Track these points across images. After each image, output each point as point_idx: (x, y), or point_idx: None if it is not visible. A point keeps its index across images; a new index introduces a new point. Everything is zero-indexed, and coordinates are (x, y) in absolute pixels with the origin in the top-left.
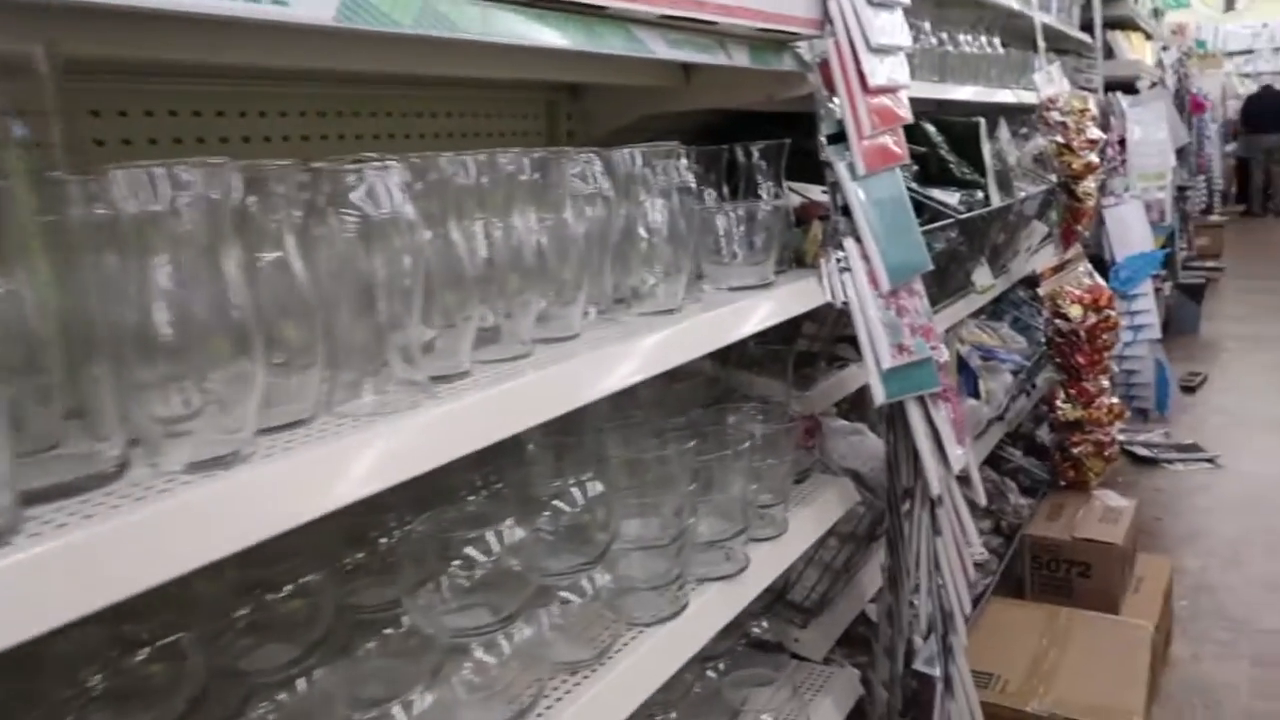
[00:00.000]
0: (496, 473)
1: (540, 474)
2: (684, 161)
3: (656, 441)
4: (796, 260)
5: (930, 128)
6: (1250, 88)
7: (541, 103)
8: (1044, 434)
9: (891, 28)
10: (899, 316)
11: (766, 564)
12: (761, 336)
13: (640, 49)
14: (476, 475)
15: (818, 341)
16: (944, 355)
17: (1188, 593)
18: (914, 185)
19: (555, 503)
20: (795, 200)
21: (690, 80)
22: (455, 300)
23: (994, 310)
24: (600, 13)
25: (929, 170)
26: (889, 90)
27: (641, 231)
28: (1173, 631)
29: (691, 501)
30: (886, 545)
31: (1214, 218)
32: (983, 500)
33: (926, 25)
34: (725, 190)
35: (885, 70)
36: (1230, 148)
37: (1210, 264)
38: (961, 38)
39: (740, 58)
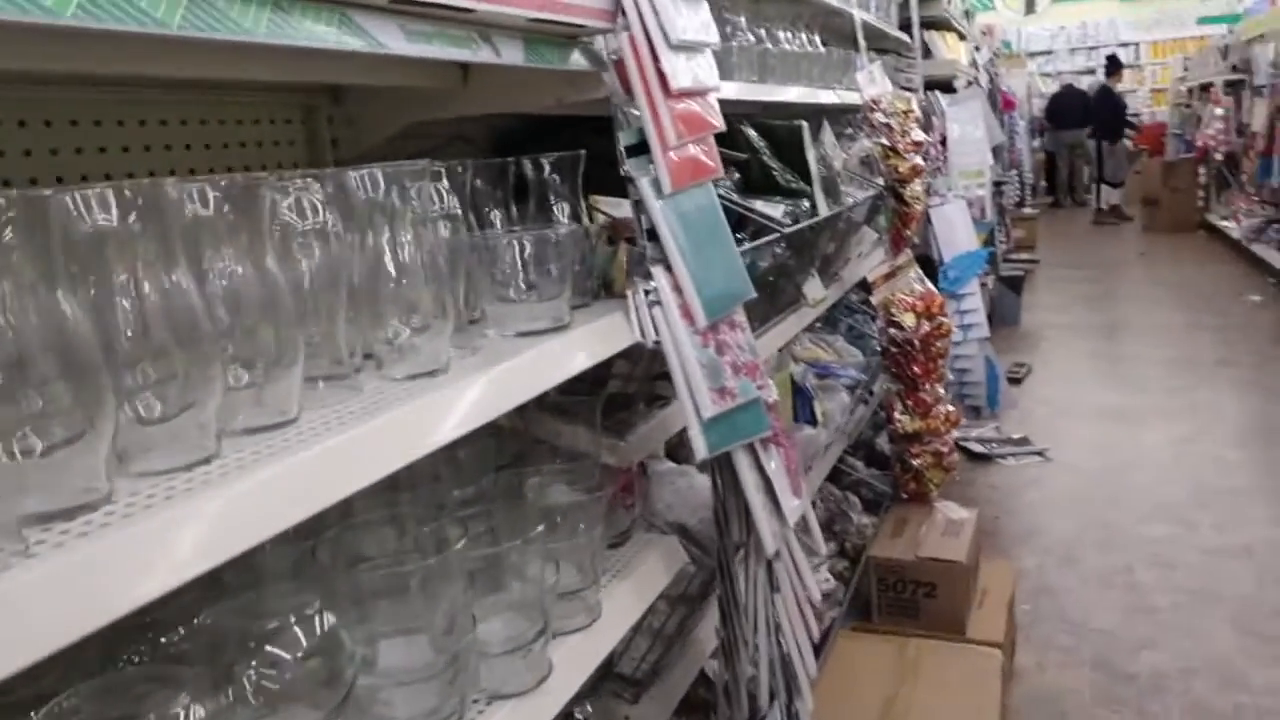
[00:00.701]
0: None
1: (268, 597)
2: (446, 181)
3: (426, 532)
4: (606, 288)
5: (752, 132)
6: (1052, 86)
7: (298, 107)
8: (883, 442)
9: (696, 23)
10: (719, 355)
11: (577, 662)
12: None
13: (365, 42)
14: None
15: (633, 381)
16: (773, 393)
17: (1028, 596)
18: (734, 198)
19: (269, 648)
20: (603, 218)
21: (468, 81)
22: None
23: (828, 319)
24: None
25: (751, 179)
26: (696, 93)
27: (389, 272)
28: (1016, 640)
29: (469, 611)
30: (720, 608)
31: (1027, 210)
32: (823, 550)
33: (742, 20)
34: (515, 211)
35: (690, 71)
36: (1036, 143)
37: (1026, 256)
38: (781, 35)
39: (512, 54)
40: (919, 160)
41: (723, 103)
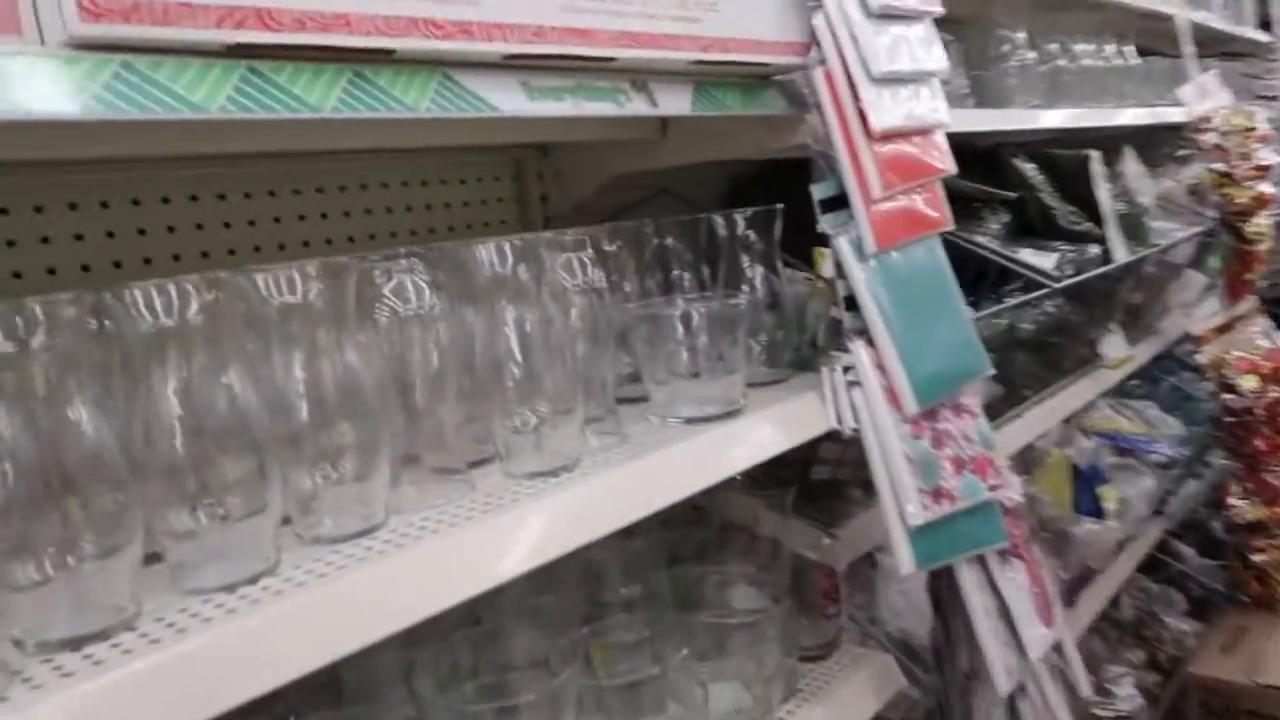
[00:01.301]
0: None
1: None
2: (589, 251)
3: (566, 644)
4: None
5: (1027, 165)
6: None
7: (508, 164)
8: (1220, 526)
9: (908, 47)
10: (936, 447)
11: None
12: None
13: (469, 107)
14: None
15: (844, 466)
16: (1014, 493)
17: None
18: (993, 246)
19: None
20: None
21: (666, 132)
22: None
23: (1144, 377)
24: (385, 60)
25: (1027, 220)
26: (910, 134)
27: (509, 355)
28: None
29: None
30: None
31: None
32: (1085, 691)
33: (1021, 35)
34: (707, 274)
35: (901, 107)
36: None
37: None
38: (1078, 48)
39: (674, 103)
40: (1266, 188)
41: (990, 134)
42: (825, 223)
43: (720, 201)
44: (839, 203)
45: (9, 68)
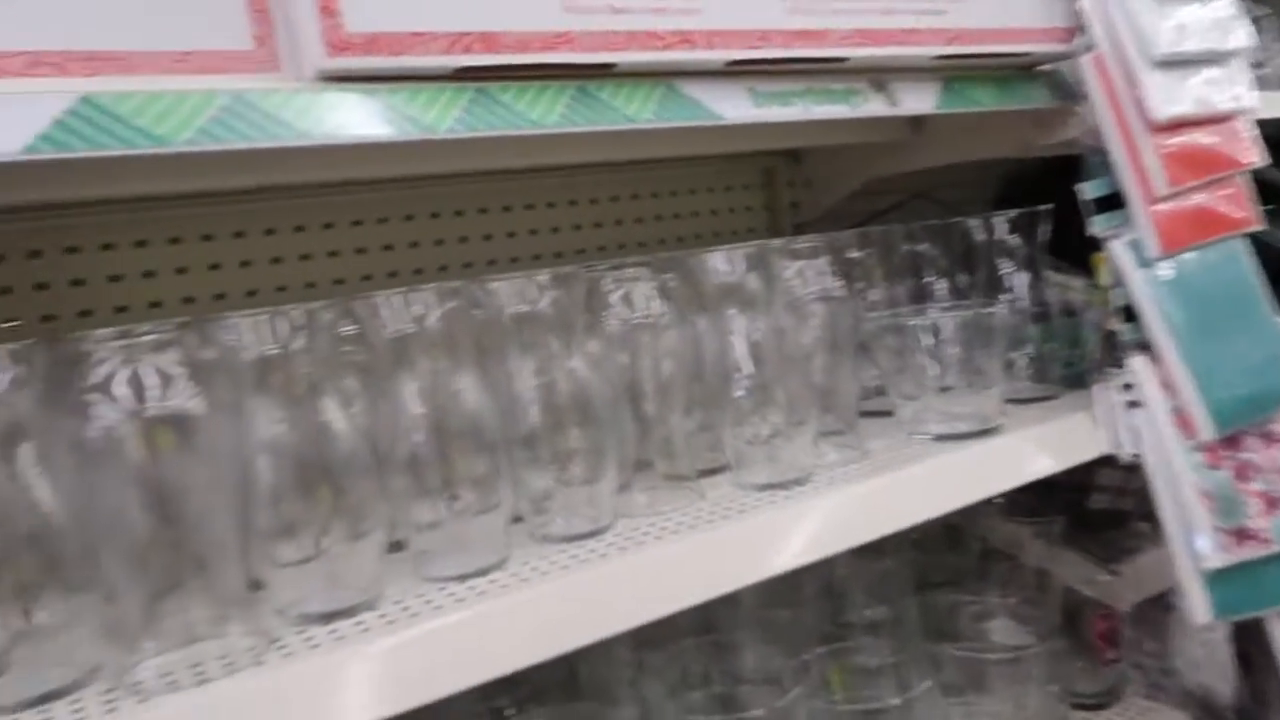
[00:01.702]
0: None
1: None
2: (824, 259)
3: (796, 662)
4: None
5: None
6: None
7: (757, 172)
8: None
9: (1199, 25)
10: (1239, 480)
11: None
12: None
13: (696, 114)
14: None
15: (1127, 495)
16: None
17: None
18: None
19: None
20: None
21: (920, 132)
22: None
23: None
24: (606, 74)
25: None
26: (1204, 122)
27: (736, 365)
28: None
29: None
30: None
31: None
32: None
33: None
34: (965, 281)
35: (1192, 93)
36: None
37: None
38: None
39: (917, 101)
40: None
41: None
42: (1097, 225)
43: (987, 206)
44: (1114, 202)
45: (269, 102)
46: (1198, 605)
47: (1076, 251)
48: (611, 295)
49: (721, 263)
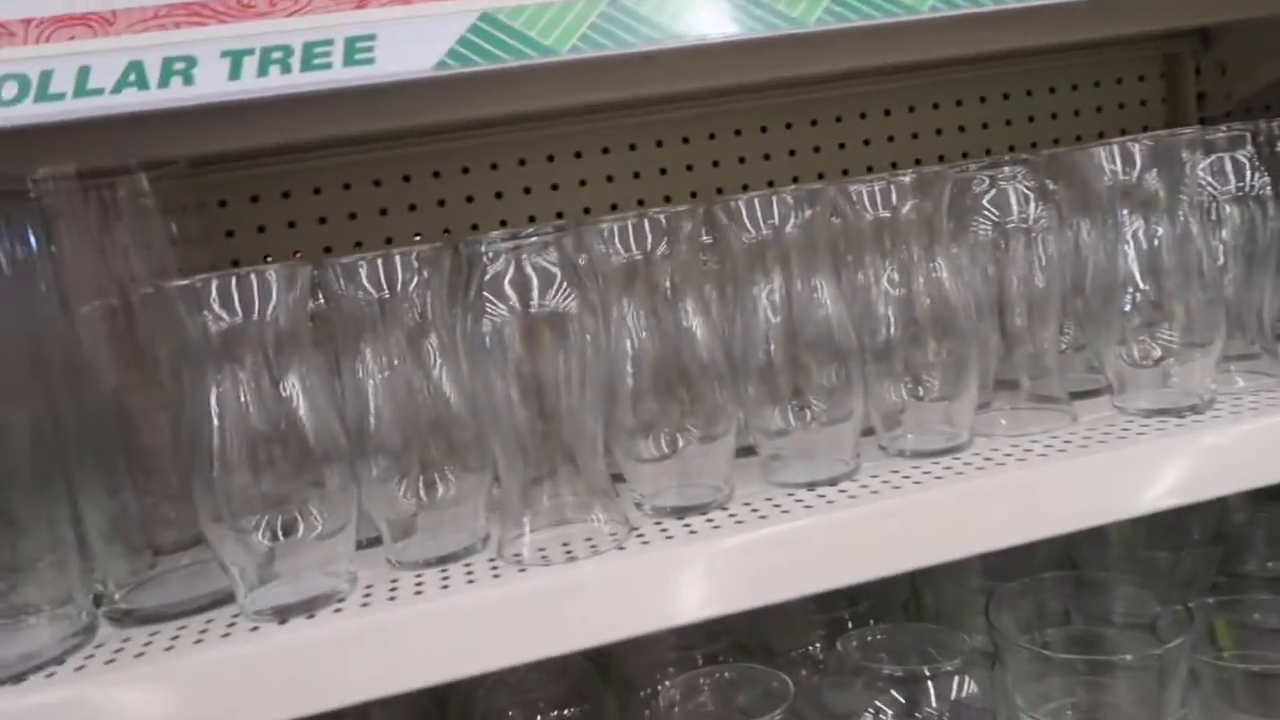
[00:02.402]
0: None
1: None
2: (1249, 150)
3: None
4: None
5: None
6: None
7: (1156, 60)
8: None
9: None
10: None
11: None
12: None
13: None
14: None
15: None
16: None
17: None
18: None
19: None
20: None
21: None
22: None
23: None
24: None
25: None
26: None
27: (1126, 274)
28: None
29: None
30: None
31: None
32: None
33: None
34: None
35: None
36: None
37: None
38: None
39: None
40: None
41: None
42: None
43: None
44: None
45: (644, 6)
46: None
47: None
48: (983, 198)
49: (1115, 158)
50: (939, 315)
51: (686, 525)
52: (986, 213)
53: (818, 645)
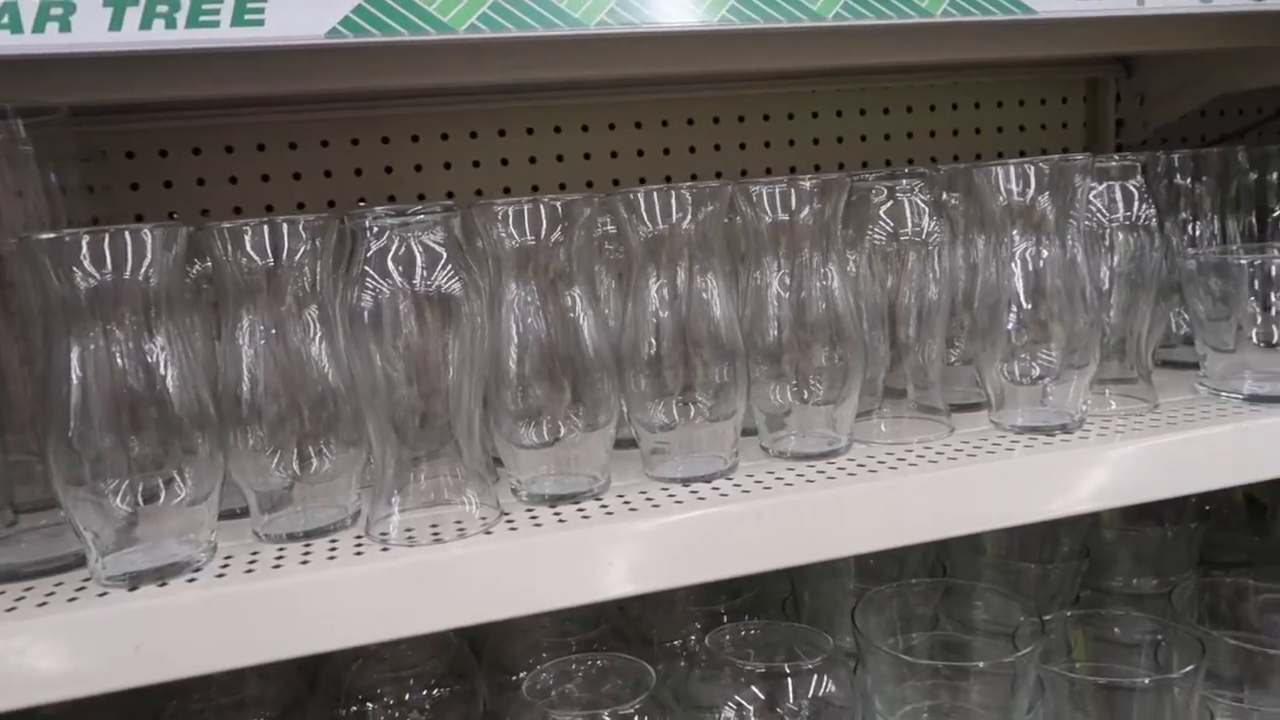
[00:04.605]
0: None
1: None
2: (1138, 180)
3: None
4: None
5: None
6: None
7: (1080, 83)
8: None
9: None
10: None
11: None
12: None
13: (1000, 7)
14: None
15: None
16: None
17: None
18: None
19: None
20: None
21: None
22: None
23: None
24: None
25: None
26: None
27: (1020, 296)
28: None
29: None
30: None
31: None
32: None
33: None
34: None
35: None
36: None
37: None
38: None
39: None
40: None
41: None
42: None
43: None
44: None
45: None
46: None
47: None
48: (880, 208)
49: (1010, 179)
50: (828, 320)
51: (557, 514)
52: (882, 223)
53: (693, 638)
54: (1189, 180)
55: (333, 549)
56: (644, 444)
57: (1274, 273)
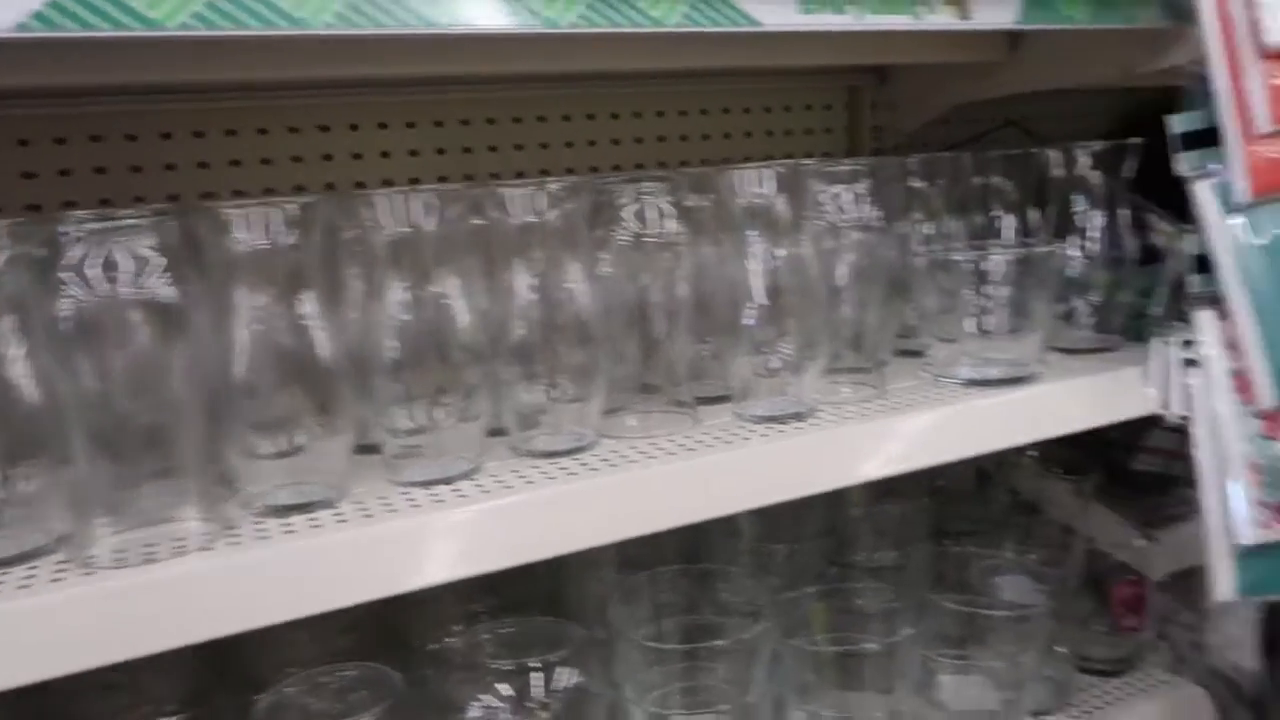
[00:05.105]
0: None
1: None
2: (864, 184)
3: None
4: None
5: None
6: None
7: (841, 91)
8: None
9: None
10: None
11: None
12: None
13: (730, 20)
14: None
15: (1177, 460)
16: None
17: None
18: None
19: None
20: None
21: (1018, 51)
22: None
23: None
24: None
25: None
26: None
27: (757, 293)
28: None
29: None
30: None
31: None
32: None
33: None
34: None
35: None
36: None
37: None
38: None
39: (992, 12)
40: None
41: None
42: (1184, 163)
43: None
44: (1209, 140)
45: None
46: (1223, 581)
47: (1176, 195)
48: (625, 210)
49: (749, 181)
50: (575, 321)
51: (288, 525)
52: (627, 225)
53: (452, 639)
54: (924, 183)
55: (30, 576)
56: (387, 448)
57: (989, 269)
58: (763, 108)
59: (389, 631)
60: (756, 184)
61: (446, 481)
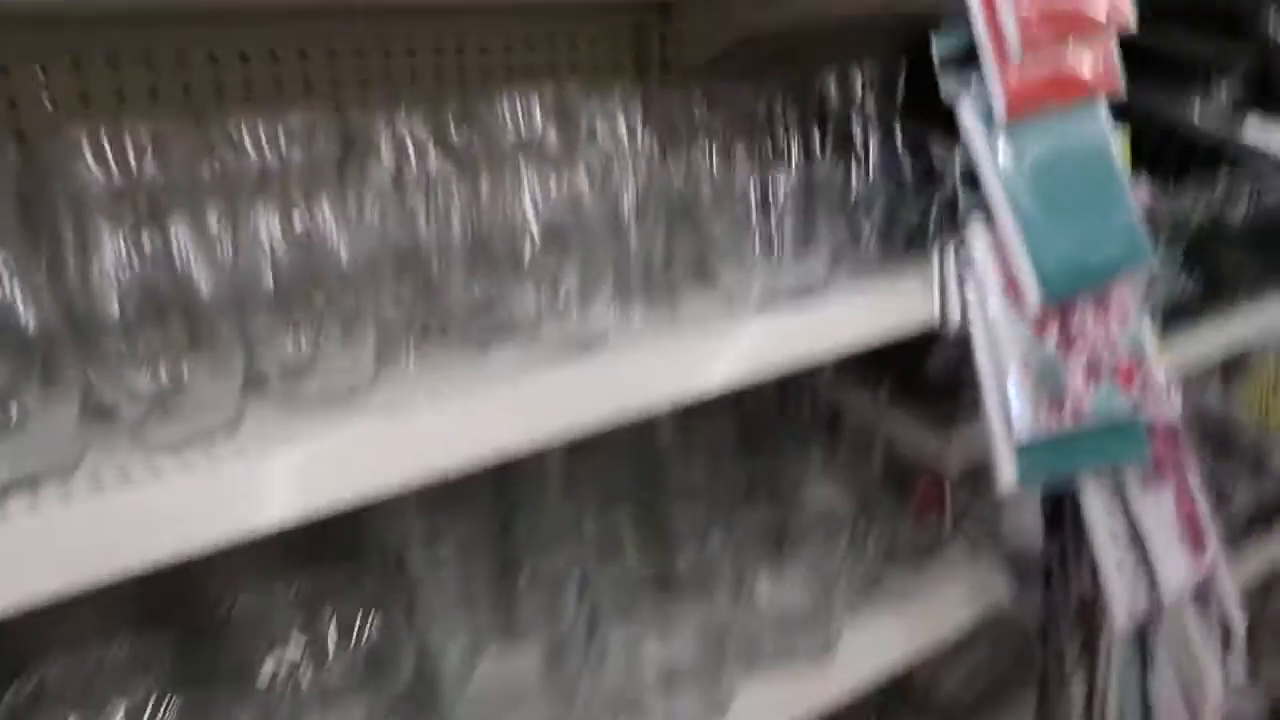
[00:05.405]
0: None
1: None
2: (638, 112)
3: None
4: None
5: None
6: None
7: (628, 27)
8: None
9: None
10: (1065, 351)
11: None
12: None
13: None
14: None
15: (969, 366)
16: (1172, 405)
17: None
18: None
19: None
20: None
21: None
22: None
23: None
24: None
25: (1274, 88)
26: None
27: (533, 226)
28: None
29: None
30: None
31: None
32: (1239, 631)
33: None
34: (818, 143)
35: None
36: None
37: None
38: None
39: None
40: None
41: None
42: (946, 85)
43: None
44: (970, 58)
45: None
46: (1005, 472)
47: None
48: (384, 144)
49: (517, 112)
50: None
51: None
52: (388, 159)
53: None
54: (707, 114)
55: None
56: (125, 412)
57: (772, 194)
58: (547, 43)
59: (175, 599)
60: (524, 114)
61: (195, 443)
